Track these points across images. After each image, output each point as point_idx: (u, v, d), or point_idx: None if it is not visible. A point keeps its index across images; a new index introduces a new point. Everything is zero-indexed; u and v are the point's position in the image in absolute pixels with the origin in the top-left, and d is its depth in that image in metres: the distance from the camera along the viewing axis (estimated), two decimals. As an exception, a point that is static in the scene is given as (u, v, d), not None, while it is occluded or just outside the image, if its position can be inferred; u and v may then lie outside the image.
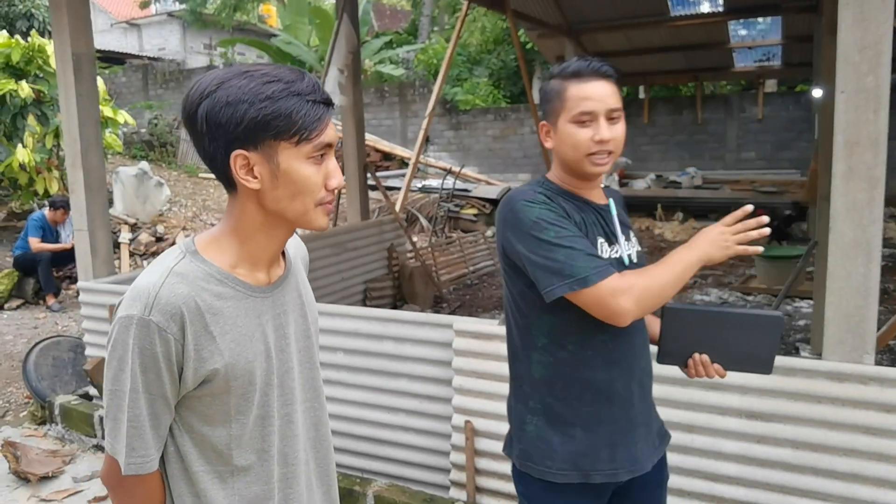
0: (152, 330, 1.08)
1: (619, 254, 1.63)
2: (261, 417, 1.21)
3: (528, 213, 1.54)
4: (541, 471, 1.63)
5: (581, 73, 1.57)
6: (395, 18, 28.44)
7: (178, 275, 1.12)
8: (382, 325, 3.12)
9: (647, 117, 13.41)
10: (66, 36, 4.04)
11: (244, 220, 1.17)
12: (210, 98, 1.09)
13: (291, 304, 1.28)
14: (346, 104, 6.20)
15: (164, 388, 1.12)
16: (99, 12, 27.65)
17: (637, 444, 1.63)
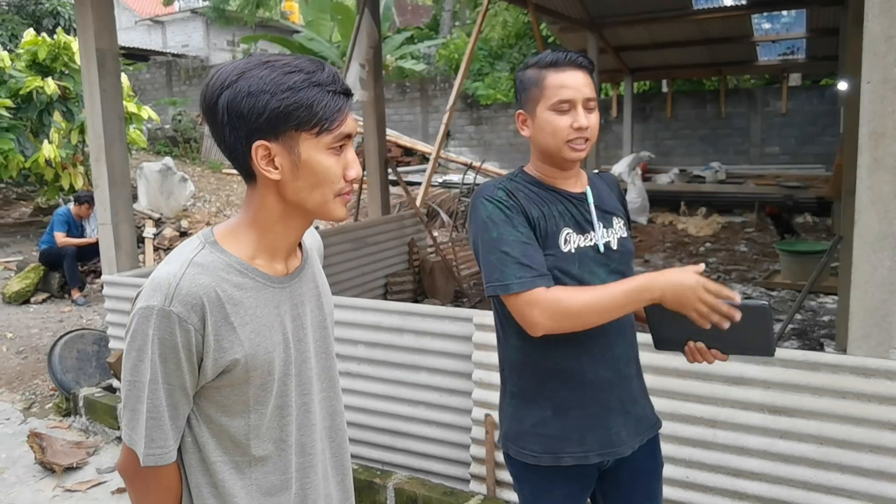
0: (173, 320, 1.08)
1: (592, 241, 1.66)
2: (279, 407, 1.21)
3: (482, 210, 1.62)
4: (517, 451, 1.69)
5: (559, 63, 1.61)
6: (417, 14, 28.42)
7: (198, 265, 1.12)
8: (402, 319, 3.13)
9: (670, 111, 13.29)
10: (91, 33, 4.09)
11: (263, 210, 1.17)
12: (231, 88, 1.09)
13: (308, 294, 1.28)
14: (367, 99, 6.21)
15: (183, 378, 1.12)
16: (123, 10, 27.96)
17: (612, 430, 1.66)
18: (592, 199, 1.70)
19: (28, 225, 11.25)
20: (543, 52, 1.68)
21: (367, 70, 6.18)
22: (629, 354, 1.73)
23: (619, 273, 1.68)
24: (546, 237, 1.62)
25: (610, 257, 1.67)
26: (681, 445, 2.51)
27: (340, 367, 3.28)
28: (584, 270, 1.63)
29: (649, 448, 1.76)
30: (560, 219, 1.64)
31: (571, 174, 1.71)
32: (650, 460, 1.78)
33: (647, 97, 14.09)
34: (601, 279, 1.63)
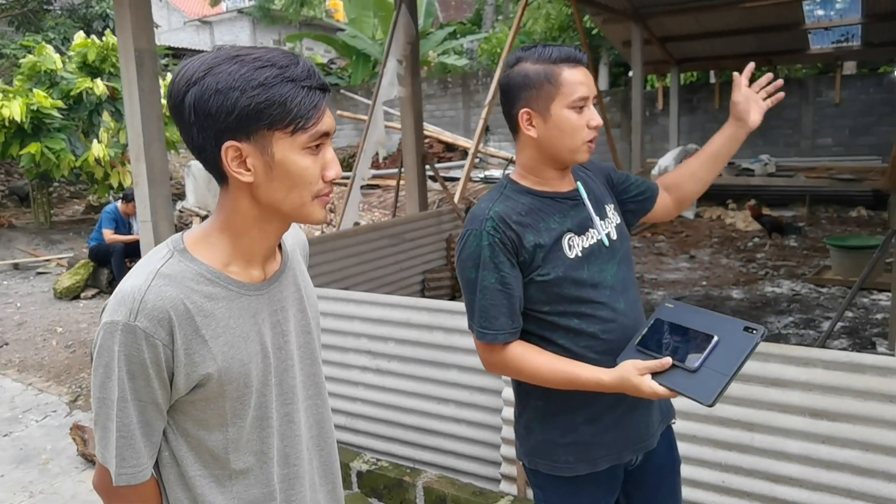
0: (139, 336, 1.03)
1: (595, 238, 1.64)
2: (258, 419, 1.17)
3: (467, 244, 1.59)
4: (549, 465, 1.66)
5: (570, 59, 1.56)
6: (461, 9, 28.34)
7: (164, 276, 1.07)
8: (432, 316, 3.09)
9: (717, 103, 12.93)
10: (129, 33, 4.15)
11: (237, 214, 1.11)
12: (198, 85, 1.02)
13: (289, 299, 1.22)
14: (404, 95, 6.19)
15: (154, 394, 1.07)
16: (172, 11, 28.62)
17: (640, 424, 1.66)
18: (585, 194, 1.66)
19: (80, 222, 11.60)
20: (532, 47, 1.60)
21: (405, 66, 6.17)
22: None
23: (624, 262, 1.68)
24: (549, 252, 1.58)
25: (614, 247, 1.66)
26: (716, 448, 2.42)
27: (369, 363, 3.28)
28: (593, 272, 1.61)
29: (666, 443, 1.77)
30: (560, 226, 1.61)
31: (566, 172, 1.67)
32: (669, 456, 1.78)
33: (695, 88, 13.75)
34: (611, 274, 1.63)
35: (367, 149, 6.17)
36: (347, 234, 5.47)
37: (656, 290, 6.61)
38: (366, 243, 5.43)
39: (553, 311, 1.60)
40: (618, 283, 1.65)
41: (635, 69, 10.60)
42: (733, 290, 6.44)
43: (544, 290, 1.59)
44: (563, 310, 1.59)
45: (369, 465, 3.17)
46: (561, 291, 1.58)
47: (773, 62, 12.41)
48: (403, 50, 6.13)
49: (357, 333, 3.31)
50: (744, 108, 1.73)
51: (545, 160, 1.62)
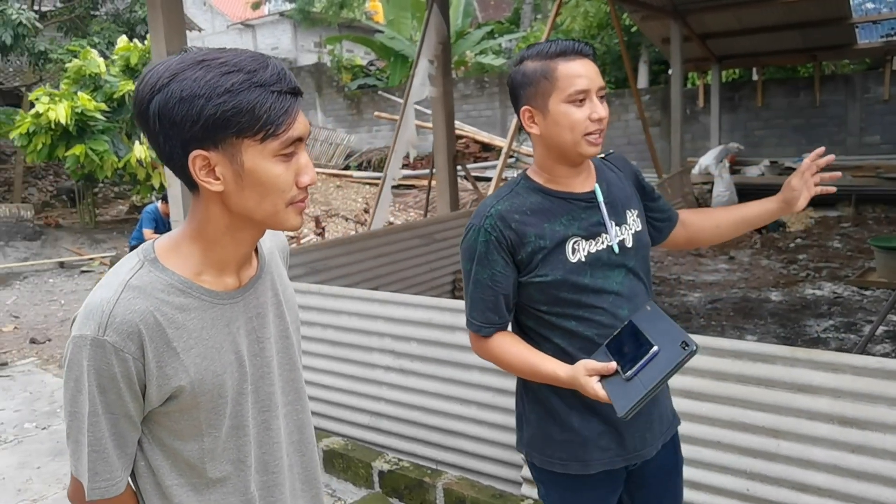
0: (108, 350, 1.01)
1: (604, 244, 1.60)
2: (234, 428, 1.15)
3: (467, 237, 1.62)
4: (542, 460, 1.67)
5: (567, 52, 1.53)
6: (500, 9, 28.26)
7: (134, 288, 1.04)
8: (454, 316, 3.07)
9: (760, 100, 12.65)
10: (161, 35, 4.22)
11: (208, 223, 1.08)
12: (162, 92, 0.98)
13: (267, 304, 1.20)
14: (435, 95, 6.19)
15: (126, 407, 1.06)
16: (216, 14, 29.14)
17: (636, 434, 1.63)
18: (602, 197, 1.62)
19: (124, 222, 11.89)
20: (537, 43, 1.59)
21: (436, 66, 6.17)
22: None
23: (638, 272, 1.65)
24: (549, 254, 1.57)
25: (625, 256, 1.62)
26: (741, 455, 2.35)
27: (392, 363, 3.27)
28: (597, 278, 1.59)
29: (671, 446, 1.75)
30: (565, 229, 1.58)
31: (581, 170, 1.63)
32: (672, 457, 1.77)
33: (736, 86, 13.47)
34: (618, 282, 1.60)
35: (398, 149, 6.18)
36: (378, 233, 5.49)
37: (693, 291, 6.48)
38: (396, 243, 5.44)
39: (550, 311, 1.60)
40: (624, 290, 1.61)
41: (674, 67, 10.42)
42: (772, 293, 6.28)
43: (543, 291, 1.58)
44: (561, 311, 1.59)
45: (391, 464, 3.16)
46: (559, 294, 1.57)
47: (818, 58, 12.08)
48: (435, 50, 6.14)
49: (381, 333, 3.31)
50: (797, 195, 1.69)
51: (553, 157, 1.60)
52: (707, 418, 2.38)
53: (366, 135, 17.49)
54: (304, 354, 3.64)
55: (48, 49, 11.51)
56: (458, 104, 15.81)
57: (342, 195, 13.54)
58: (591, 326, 1.58)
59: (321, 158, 16.55)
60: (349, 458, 3.25)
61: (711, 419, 2.36)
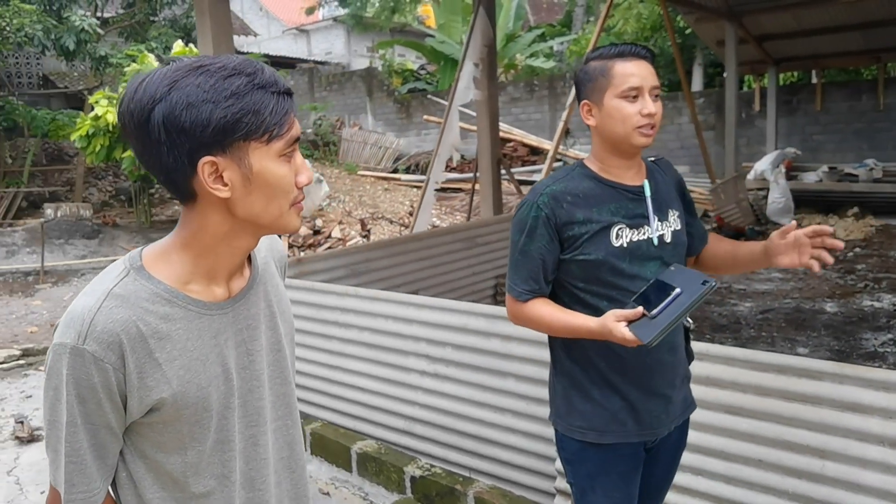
0: (87, 360, 0.99)
1: (646, 235, 1.73)
2: (219, 442, 1.12)
3: (520, 210, 1.76)
4: (565, 426, 1.82)
5: (624, 53, 1.69)
6: (552, 11, 28.06)
7: (117, 297, 1.02)
8: (490, 322, 3.03)
9: (819, 104, 12.22)
10: (209, 39, 4.30)
11: (204, 231, 1.06)
12: (165, 101, 0.97)
13: (259, 316, 1.17)
14: (480, 98, 6.16)
15: (106, 417, 1.04)
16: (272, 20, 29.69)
17: (653, 412, 1.77)
18: (650, 192, 1.75)
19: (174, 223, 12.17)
20: (602, 47, 1.74)
21: (481, 69, 6.13)
22: (673, 342, 1.78)
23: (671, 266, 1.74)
24: (594, 234, 1.70)
25: (663, 250, 1.75)
26: (784, 475, 2.24)
27: (428, 367, 3.24)
28: (634, 265, 1.72)
29: (681, 427, 1.89)
30: (613, 215, 1.72)
31: (632, 164, 1.76)
32: (678, 439, 1.91)
33: (795, 89, 13.04)
34: (652, 272, 1.71)
35: (442, 152, 6.16)
36: (420, 236, 5.47)
37: (744, 301, 6.28)
38: (438, 246, 5.42)
39: (587, 288, 1.73)
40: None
41: (729, 69, 10.16)
42: (827, 304, 6.04)
43: (584, 269, 1.72)
44: (597, 290, 1.71)
45: (423, 470, 3.13)
46: (598, 274, 1.71)
47: (881, 59, 11.62)
48: (480, 53, 6.10)
49: (417, 337, 3.29)
50: (781, 251, 1.69)
51: (607, 148, 1.74)
52: (748, 435, 2.28)
53: (414, 138, 17.56)
54: (341, 356, 3.66)
55: (109, 54, 11.87)
56: (507, 107, 15.73)
57: (389, 198, 13.61)
58: (620, 308, 1.66)
59: (370, 161, 16.68)
60: (382, 461, 3.23)
61: (753, 436, 2.26)
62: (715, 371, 2.33)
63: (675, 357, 1.79)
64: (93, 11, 12.87)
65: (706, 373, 2.34)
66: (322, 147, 17.40)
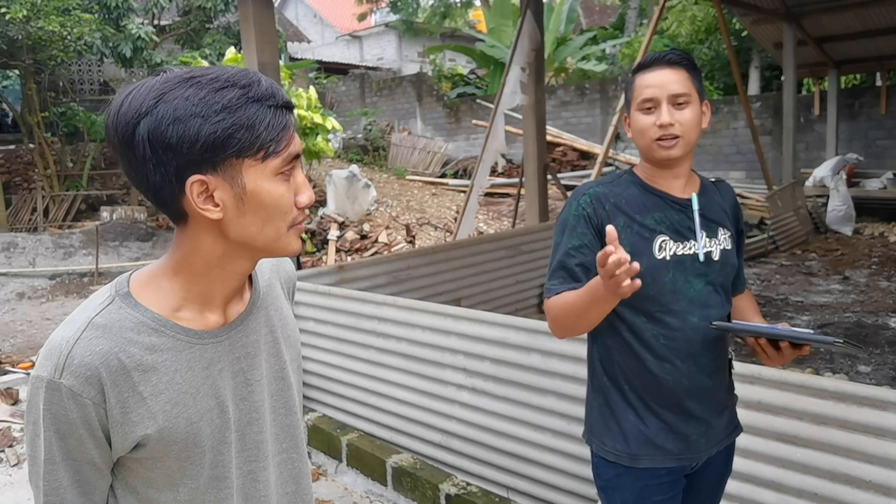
0: (64, 395, 0.93)
1: (692, 250, 1.65)
2: (215, 479, 1.05)
3: (563, 210, 1.71)
4: (599, 446, 1.73)
5: (647, 64, 1.65)
6: (605, 14, 27.75)
7: (98, 327, 0.96)
8: (530, 337, 2.92)
9: (884, 107, 11.68)
10: (253, 46, 4.30)
11: (196, 255, 1.00)
12: (151, 115, 0.90)
13: (259, 343, 1.10)
14: (527, 103, 6.05)
15: (89, 453, 0.97)
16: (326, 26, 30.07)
17: (690, 437, 1.67)
18: (697, 206, 1.66)
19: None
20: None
21: (528, 73, 6.02)
22: (715, 365, 1.69)
23: (718, 285, 1.67)
24: (635, 244, 1.62)
25: (710, 267, 1.66)
26: (844, 511, 2.07)
27: (465, 381, 3.15)
28: (677, 279, 1.64)
29: (724, 453, 1.79)
30: (657, 225, 1.65)
31: (679, 175, 1.69)
32: (722, 465, 1.80)
33: (857, 92, 12.51)
34: (696, 289, 1.64)
35: (486, 158, 6.07)
36: (462, 244, 5.39)
37: (801, 314, 6.01)
38: (481, 254, 5.33)
39: (625, 302, 1.59)
40: (701, 297, 1.65)
41: (787, 72, 9.80)
42: (891, 318, 5.73)
43: None
44: (634, 303, 1.60)
45: (458, 488, 3.04)
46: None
47: (952, 61, 11.06)
48: (528, 57, 6.00)
49: (454, 350, 3.20)
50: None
51: (644, 158, 1.71)
52: (803, 466, 2.12)
53: (463, 143, 17.51)
54: (378, 366, 3.60)
55: (164, 61, 12.15)
56: (557, 111, 15.54)
57: (437, 203, 13.58)
58: (659, 326, 1.63)
59: (418, 166, 16.69)
60: (417, 477, 3.16)
61: (807, 467, 2.10)
62: (767, 395, 2.19)
63: (714, 381, 1.69)
64: (150, 19, 13.20)
65: (757, 397, 2.19)
66: (371, 152, 17.51)
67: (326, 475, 3.64)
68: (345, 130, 18.15)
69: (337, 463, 3.62)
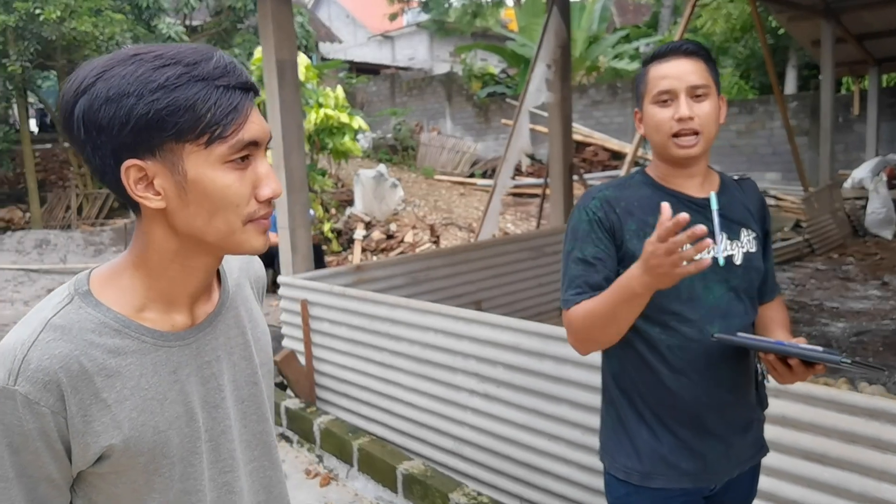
0: (19, 403, 0.84)
1: (711, 254, 1.49)
2: (185, 493, 0.97)
3: (572, 218, 1.60)
4: (610, 463, 1.64)
5: (661, 54, 1.54)
6: (639, 13, 27.37)
7: (57, 328, 0.87)
8: (543, 342, 2.81)
9: (928, 107, 11.31)
10: (272, 44, 4.25)
11: (151, 249, 0.92)
12: (87, 94, 0.84)
13: (229, 346, 1.02)
14: (552, 101, 5.91)
15: (45, 469, 0.88)
16: (358, 27, 30.17)
17: (707, 457, 1.55)
18: (717, 206, 1.49)
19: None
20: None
21: (554, 70, 5.89)
22: (738, 379, 1.57)
23: (741, 291, 1.55)
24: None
25: (731, 272, 1.54)
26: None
27: (477, 387, 3.05)
28: (695, 286, 1.51)
29: (749, 474, 1.66)
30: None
31: (695, 174, 1.57)
32: (747, 487, 1.68)
33: (902, 91, 12.13)
34: (716, 296, 1.53)
35: (510, 157, 5.95)
36: (483, 245, 5.28)
37: (836, 320, 5.78)
38: (502, 255, 5.21)
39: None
40: (721, 305, 1.53)
41: (825, 71, 9.50)
42: (934, 327, 5.48)
43: None
44: (648, 314, 1.48)
45: (469, 498, 2.93)
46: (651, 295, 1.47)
47: None
48: (553, 54, 5.86)
49: (466, 354, 3.10)
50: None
51: (658, 156, 1.59)
52: (831, 487, 1.98)
53: (492, 142, 17.38)
54: (392, 369, 3.51)
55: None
56: (589, 111, 15.34)
57: (464, 203, 13.48)
58: (675, 337, 1.52)
59: (447, 166, 16.61)
60: (427, 485, 3.06)
61: (836, 489, 1.96)
62: (793, 410, 2.05)
63: (736, 397, 1.57)
64: (182, 20, 13.31)
65: (782, 412, 2.05)
66: (401, 151, 17.49)
67: (338, 480, 3.56)
68: (374, 130, 18.15)
69: (348, 468, 3.54)
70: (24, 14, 9.86)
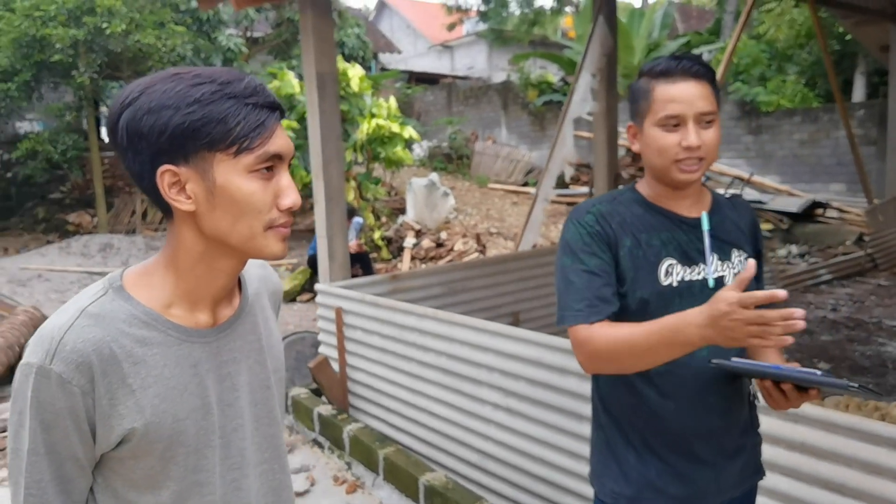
0: (53, 381, 0.93)
1: (701, 275, 1.48)
2: (197, 484, 1.04)
3: (565, 232, 1.54)
4: (599, 487, 1.61)
5: (670, 73, 1.45)
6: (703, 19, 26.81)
7: (91, 316, 0.97)
8: (566, 358, 2.76)
9: None
10: (312, 57, 4.32)
11: (181, 249, 1.02)
12: (132, 106, 0.95)
13: (245, 349, 1.10)
14: (597, 111, 5.84)
15: (73, 448, 0.96)
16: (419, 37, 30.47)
17: (696, 483, 1.51)
18: (708, 226, 1.46)
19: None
20: (656, 58, 1.52)
21: (599, 80, 5.81)
22: (727, 404, 1.52)
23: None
24: (640, 269, 1.48)
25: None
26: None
27: (501, 401, 3.02)
28: (685, 307, 1.37)
29: (743, 500, 1.60)
30: (663, 248, 1.50)
31: (687, 194, 1.53)
32: None
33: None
34: None
35: (552, 167, 5.89)
36: (521, 256, 5.24)
37: (893, 340, 5.51)
38: (541, 267, 5.16)
39: None
40: None
41: (893, 77, 9.10)
42: None
43: (625, 308, 1.48)
44: None
45: (488, 514, 2.91)
46: (642, 316, 1.43)
47: None
48: (598, 63, 5.79)
49: (490, 367, 3.08)
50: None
51: (651, 175, 1.54)
52: (851, 517, 1.88)
53: (547, 151, 17.13)
54: (419, 380, 3.52)
55: (253, 72, 12.57)
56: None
57: (517, 211, 13.43)
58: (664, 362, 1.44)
59: (501, 175, 16.58)
60: (447, 497, 3.04)
61: (854, 520, 1.86)
62: (812, 437, 1.96)
63: (726, 422, 1.53)
64: (242, 32, 13.69)
65: (801, 438, 1.97)
66: (455, 160, 17.56)
67: (364, 488, 3.58)
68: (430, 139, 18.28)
69: (374, 476, 3.56)
70: (92, 28, 10.32)
